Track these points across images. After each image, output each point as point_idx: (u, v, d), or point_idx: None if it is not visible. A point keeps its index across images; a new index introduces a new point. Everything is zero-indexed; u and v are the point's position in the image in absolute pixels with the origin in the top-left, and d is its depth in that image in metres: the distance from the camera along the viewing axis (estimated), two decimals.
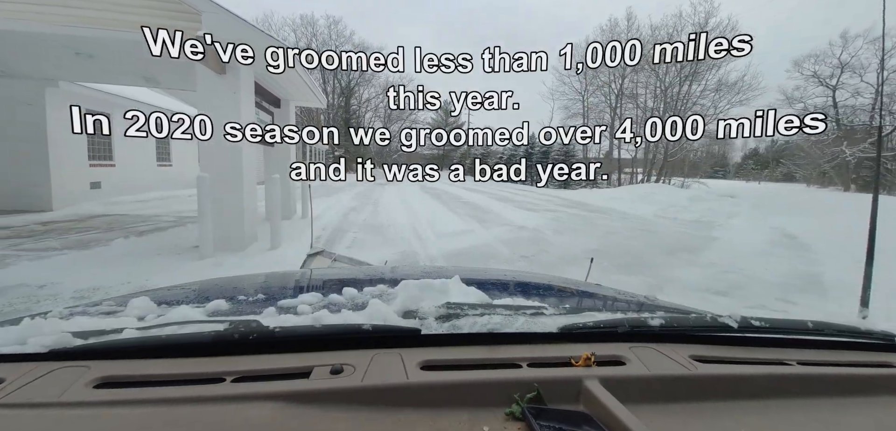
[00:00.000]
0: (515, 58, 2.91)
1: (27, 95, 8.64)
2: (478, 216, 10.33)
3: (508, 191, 20.34)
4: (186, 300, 1.05)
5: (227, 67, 5.05)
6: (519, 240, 7.31)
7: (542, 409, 0.55)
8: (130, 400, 0.54)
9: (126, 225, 7.63)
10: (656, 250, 6.83)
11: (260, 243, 5.82)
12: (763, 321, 0.79)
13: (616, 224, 9.82)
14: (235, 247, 5.38)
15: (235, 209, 5.44)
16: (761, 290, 4.76)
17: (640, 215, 11.60)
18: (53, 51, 6.04)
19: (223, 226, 5.30)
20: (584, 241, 7.46)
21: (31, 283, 4.15)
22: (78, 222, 7.93)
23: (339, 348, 0.68)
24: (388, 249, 6.31)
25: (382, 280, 1.16)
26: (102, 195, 11.00)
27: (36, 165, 8.92)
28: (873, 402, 0.64)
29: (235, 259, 5.02)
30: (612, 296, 1.26)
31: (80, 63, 6.52)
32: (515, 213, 11.30)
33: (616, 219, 10.74)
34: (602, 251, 6.56)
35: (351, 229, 8.13)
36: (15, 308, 3.58)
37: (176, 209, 9.97)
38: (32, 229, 7.02)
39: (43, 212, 8.71)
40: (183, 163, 15.76)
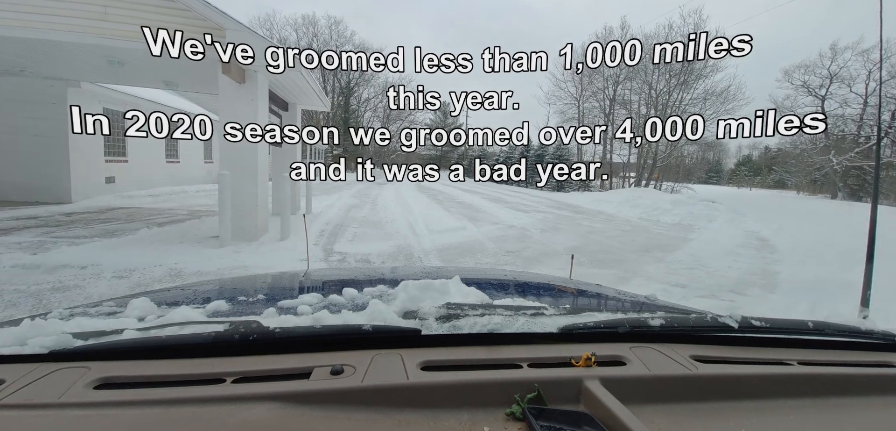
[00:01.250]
0: (515, 58, 2.92)
1: (51, 95, 9.27)
2: (470, 215, 10.83)
3: (504, 192, 20.77)
4: (186, 300, 1.05)
5: (246, 76, 5.69)
6: (506, 237, 7.85)
7: (542, 409, 0.56)
8: (131, 401, 0.54)
9: (144, 217, 8.17)
10: (632, 249, 7.31)
11: (271, 235, 6.42)
12: (763, 322, 0.80)
13: (599, 225, 10.32)
14: (250, 237, 5.99)
15: (251, 204, 6.06)
16: (716, 283, 5.18)
17: (624, 218, 12.14)
18: (88, 58, 6.64)
19: (240, 218, 5.91)
20: (566, 239, 7.99)
21: (73, 264, 4.66)
22: (98, 213, 8.52)
23: (339, 348, 0.69)
24: (386, 242, 6.85)
25: (382, 281, 1.17)
26: (116, 190, 11.58)
27: (57, 160, 9.57)
28: (873, 402, 0.64)
29: (251, 248, 5.64)
30: (613, 296, 1.27)
31: (111, 69, 7.13)
32: (507, 213, 11.78)
33: (601, 220, 11.26)
34: (581, 248, 7.05)
35: (352, 224, 8.64)
36: (64, 284, 4.14)
37: (187, 204, 10.60)
38: (58, 219, 7.54)
39: (63, 204, 9.29)
40: (190, 160, 16.42)
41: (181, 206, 10.22)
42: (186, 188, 14.23)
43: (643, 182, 27.12)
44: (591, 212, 13.36)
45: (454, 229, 8.63)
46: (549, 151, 28.25)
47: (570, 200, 18.31)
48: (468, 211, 11.90)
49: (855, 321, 0.87)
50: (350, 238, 7.19)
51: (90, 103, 9.79)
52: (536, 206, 14.42)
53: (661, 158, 26.10)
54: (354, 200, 13.46)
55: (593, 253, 6.76)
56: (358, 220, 9.33)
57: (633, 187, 24.59)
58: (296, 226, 7.37)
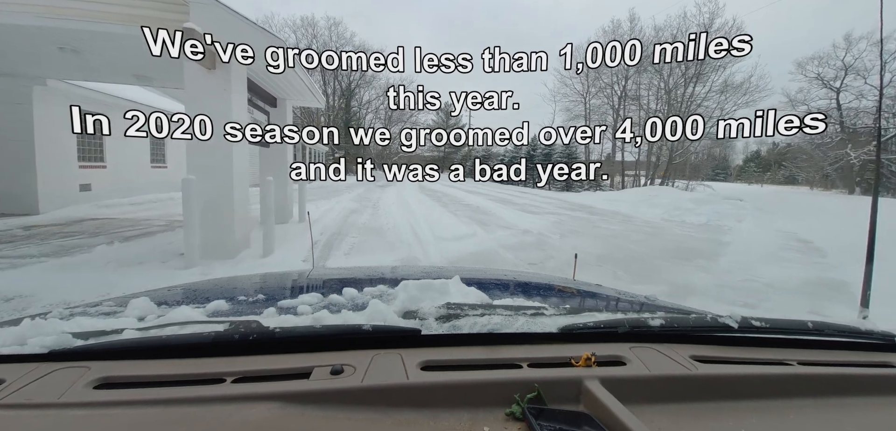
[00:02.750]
0: (515, 58, 2.89)
1: (14, 95, 8.34)
2: (479, 219, 10.03)
3: (509, 193, 20.07)
4: (186, 300, 1.05)
5: (217, 63, 4.76)
6: (523, 245, 7.04)
7: (542, 409, 0.55)
8: (131, 401, 0.54)
9: (114, 230, 7.30)
10: (665, 255, 6.57)
11: (252, 249, 5.51)
12: (763, 322, 0.79)
13: (620, 228, 9.55)
14: (225, 254, 5.05)
15: (225, 214, 5.11)
16: (786, 301, 4.48)
17: (644, 219, 11.33)
18: (35, 45, 5.73)
19: (212, 232, 4.97)
20: (590, 245, 7.21)
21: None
22: (64, 226, 7.61)
23: (339, 348, 0.68)
24: (389, 254, 6.07)
25: (382, 280, 1.16)
26: (93, 198, 10.63)
27: (22, 166, 8.58)
28: (873, 402, 0.63)
29: (225, 267, 4.70)
30: (613, 296, 1.26)
31: (66, 59, 6.22)
32: (518, 216, 10.99)
33: (619, 222, 10.47)
34: (608, 256, 6.31)
35: (351, 232, 7.84)
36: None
37: (168, 213, 9.63)
38: (14, 234, 6.69)
39: (29, 215, 8.37)
40: (179, 165, 15.45)
41: (161, 215, 9.30)
42: (174, 195, 13.14)
43: (649, 180, 26.27)
44: (606, 213, 12.54)
45: (464, 236, 7.73)
46: (555, 150, 27.40)
47: (581, 200, 17.50)
48: (476, 214, 11.05)
49: (855, 321, 0.86)
50: (348, 250, 6.36)
51: (58, 103, 8.86)
52: (547, 207, 13.62)
53: (675, 155, 25.22)
54: (354, 204, 12.65)
55: (625, 263, 5.91)
56: (358, 227, 8.51)
57: (647, 186, 23.73)
58: (286, 236, 6.46)
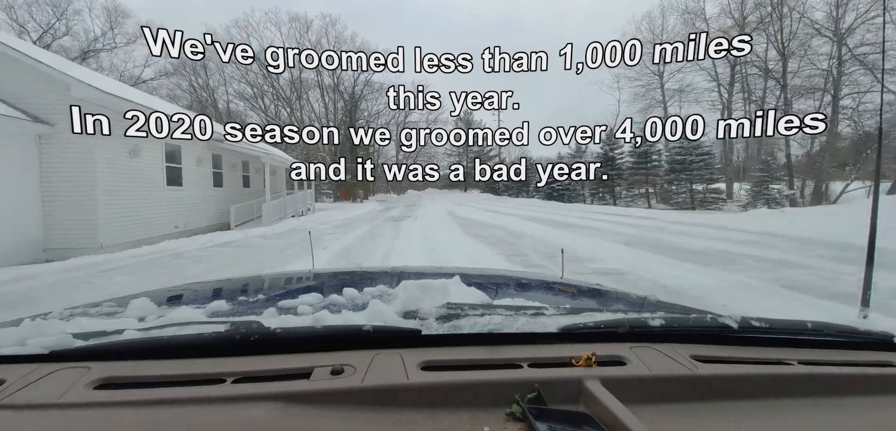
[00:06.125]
0: (515, 58, 2.88)
1: None
2: (548, 261, 6.10)
3: (562, 212, 15.42)
4: (187, 300, 1.05)
5: None
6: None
7: (542, 409, 0.55)
8: (131, 401, 0.53)
9: None
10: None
11: None
12: (763, 322, 0.78)
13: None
14: None
15: None
16: None
17: None
18: None
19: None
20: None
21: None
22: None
23: (339, 348, 0.68)
24: None
25: (383, 281, 1.16)
26: None
27: None
28: (873, 402, 0.63)
29: None
30: (613, 296, 1.25)
31: None
32: (610, 249, 7.10)
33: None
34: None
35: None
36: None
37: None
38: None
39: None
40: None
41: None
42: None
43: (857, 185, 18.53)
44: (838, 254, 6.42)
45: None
46: (653, 150, 21.55)
47: (712, 220, 12.00)
48: (537, 250, 7.14)
49: (854, 320, 0.86)
50: None
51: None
52: (662, 238, 8.81)
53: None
54: (363, 243, 8.79)
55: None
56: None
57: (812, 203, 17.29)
58: None
